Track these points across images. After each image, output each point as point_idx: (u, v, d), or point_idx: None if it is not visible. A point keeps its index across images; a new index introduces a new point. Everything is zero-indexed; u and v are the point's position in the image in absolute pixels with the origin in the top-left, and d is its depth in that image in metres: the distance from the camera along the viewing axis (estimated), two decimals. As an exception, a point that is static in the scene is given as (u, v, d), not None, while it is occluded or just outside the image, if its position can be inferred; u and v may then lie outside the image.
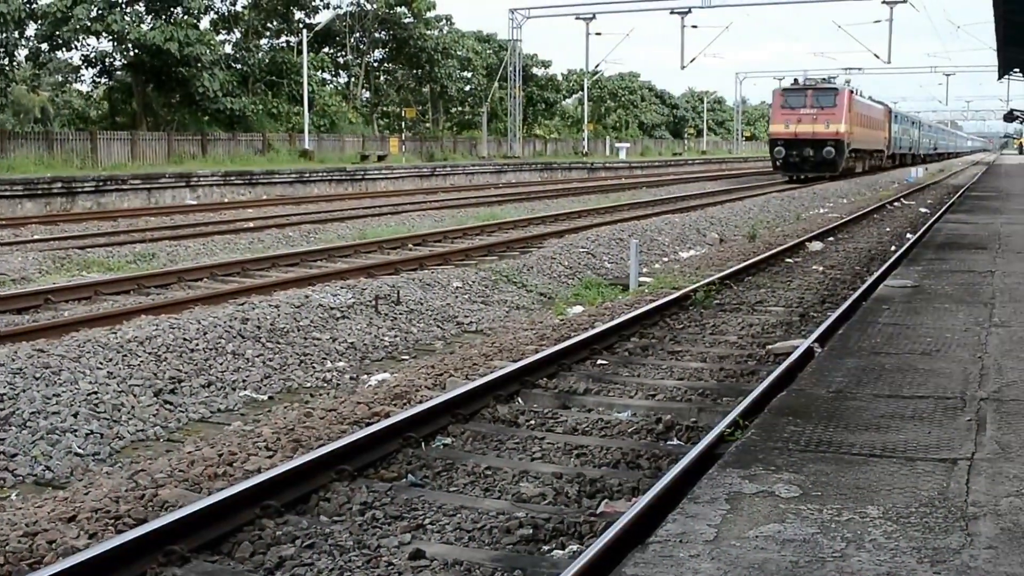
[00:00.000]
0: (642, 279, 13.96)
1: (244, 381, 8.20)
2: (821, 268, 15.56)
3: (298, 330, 9.44)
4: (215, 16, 45.64)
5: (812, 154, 41.78)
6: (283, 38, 50.64)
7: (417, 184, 39.51)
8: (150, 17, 39.68)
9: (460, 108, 66.97)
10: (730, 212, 24.35)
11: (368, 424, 6.68)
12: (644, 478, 5.77)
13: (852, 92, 44.26)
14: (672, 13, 52.89)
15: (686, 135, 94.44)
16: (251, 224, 21.05)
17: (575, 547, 4.83)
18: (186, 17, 39.44)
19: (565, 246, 16.15)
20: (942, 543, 3.53)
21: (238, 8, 46.66)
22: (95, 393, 7.16)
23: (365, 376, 8.77)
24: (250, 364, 8.51)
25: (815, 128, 41.81)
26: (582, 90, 69.71)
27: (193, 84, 39.71)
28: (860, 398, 5.52)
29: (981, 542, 3.53)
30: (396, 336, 10.10)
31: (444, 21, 59.27)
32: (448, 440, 6.61)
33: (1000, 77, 48.26)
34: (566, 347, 8.74)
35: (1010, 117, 74.25)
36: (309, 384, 8.49)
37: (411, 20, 54.31)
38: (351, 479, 5.69)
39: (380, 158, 42.47)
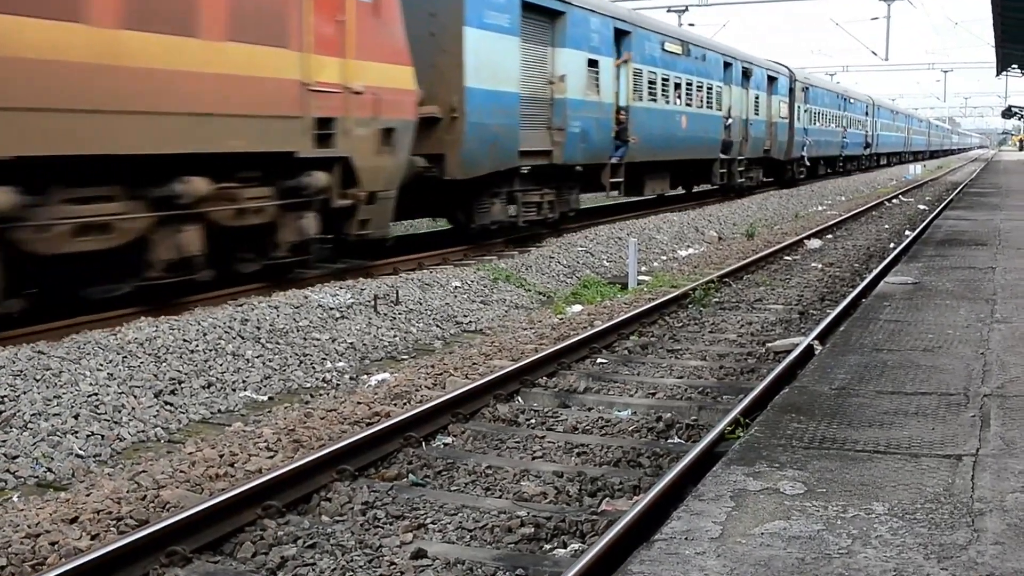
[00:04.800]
0: (641, 278, 13.95)
1: (244, 382, 8.18)
2: (820, 266, 15.57)
3: (297, 330, 9.41)
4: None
5: None
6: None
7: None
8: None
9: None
10: (728, 211, 24.35)
11: (369, 424, 6.67)
12: (645, 476, 5.76)
13: None
14: (669, 11, 52.84)
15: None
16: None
17: (577, 546, 4.82)
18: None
19: (563, 245, 16.13)
20: (948, 539, 3.52)
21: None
22: (96, 395, 7.14)
23: (365, 376, 8.75)
24: (250, 365, 8.48)
25: None
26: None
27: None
28: (863, 395, 5.51)
29: (988, 538, 3.52)
30: (396, 336, 10.08)
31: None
32: (449, 439, 6.60)
33: (998, 74, 48.36)
34: (566, 346, 8.73)
35: (1008, 114, 74.25)
36: (309, 384, 8.47)
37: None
38: (352, 479, 5.68)
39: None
